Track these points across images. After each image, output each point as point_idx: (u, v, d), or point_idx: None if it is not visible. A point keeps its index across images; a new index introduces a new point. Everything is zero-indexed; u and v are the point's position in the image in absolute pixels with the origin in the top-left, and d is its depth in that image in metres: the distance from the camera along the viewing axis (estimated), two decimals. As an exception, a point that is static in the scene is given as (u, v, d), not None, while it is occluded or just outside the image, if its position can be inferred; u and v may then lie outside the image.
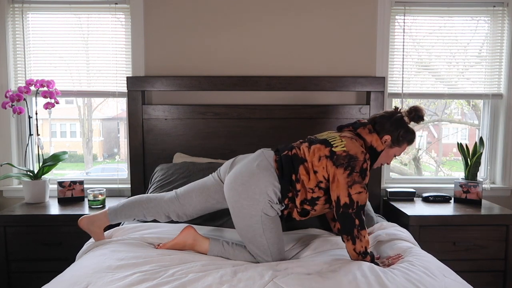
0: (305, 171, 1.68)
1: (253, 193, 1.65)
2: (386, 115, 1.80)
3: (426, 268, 1.53)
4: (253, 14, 2.63)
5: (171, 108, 2.58)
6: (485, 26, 2.75)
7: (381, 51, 2.66)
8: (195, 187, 1.87)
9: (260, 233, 1.66)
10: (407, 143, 1.80)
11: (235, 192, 1.68)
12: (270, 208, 1.66)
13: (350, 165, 1.62)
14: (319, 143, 1.71)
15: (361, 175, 1.63)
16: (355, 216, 1.60)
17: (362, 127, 1.78)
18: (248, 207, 1.65)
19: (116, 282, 1.39)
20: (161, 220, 1.89)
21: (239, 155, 1.88)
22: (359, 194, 1.61)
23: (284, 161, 1.71)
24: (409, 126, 1.79)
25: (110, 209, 1.87)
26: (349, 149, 1.65)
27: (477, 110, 3.00)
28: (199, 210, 1.86)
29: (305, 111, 2.60)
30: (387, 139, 1.77)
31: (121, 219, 1.88)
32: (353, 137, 1.73)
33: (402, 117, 1.79)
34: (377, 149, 1.75)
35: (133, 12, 2.60)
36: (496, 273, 2.34)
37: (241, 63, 2.66)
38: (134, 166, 2.59)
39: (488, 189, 2.77)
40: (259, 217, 1.65)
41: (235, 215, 1.70)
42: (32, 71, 2.67)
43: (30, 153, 2.71)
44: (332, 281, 1.42)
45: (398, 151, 1.81)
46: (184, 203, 1.84)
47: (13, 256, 2.29)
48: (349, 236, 1.60)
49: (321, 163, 1.66)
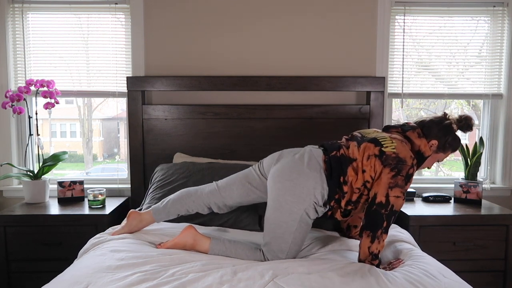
0: (353, 172, 1.67)
1: (300, 191, 1.64)
2: (435, 120, 1.79)
3: (426, 269, 1.53)
4: (253, 14, 2.63)
5: (171, 108, 2.58)
6: (485, 26, 2.74)
7: (381, 51, 2.66)
8: (236, 180, 1.87)
9: (291, 231, 1.65)
10: (452, 150, 1.80)
11: (281, 185, 1.67)
12: (313, 209, 1.66)
13: (397, 167, 1.61)
14: (368, 141, 1.70)
15: (405, 180, 1.62)
16: (386, 218, 1.59)
17: (411, 130, 1.77)
18: (291, 203, 1.64)
19: (116, 282, 1.39)
20: (203, 213, 1.91)
21: (285, 149, 1.85)
22: (397, 198, 1.60)
23: (333, 162, 1.69)
24: (456, 134, 1.79)
25: (154, 209, 1.90)
26: (399, 152, 1.64)
27: (477, 110, 3.00)
28: (238, 202, 1.88)
29: (305, 111, 2.60)
30: (434, 144, 1.76)
31: (165, 217, 1.91)
32: (403, 140, 1.72)
33: (451, 124, 1.78)
34: (425, 154, 1.74)
35: (133, 12, 2.60)
36: (496, 273, 2.34)
37: (241, 63, 2.66)
38: (134, 166, 2.59)
39: (488, 189, 2.77)
40: (299, 216, 1.65)
41: (273, 208, 1.68)
42: (32, 71, 2.67)
43: (30, 153, 2.71)
44: (332, 281, 1.41)
45: (442, 157, 1.81)
46: (225, 196, 1.86)
47: (13, 256, 2.28)
48: (371, 233, 1.59)
49: (370, 161, 1.65)
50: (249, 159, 2.57)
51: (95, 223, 2.26)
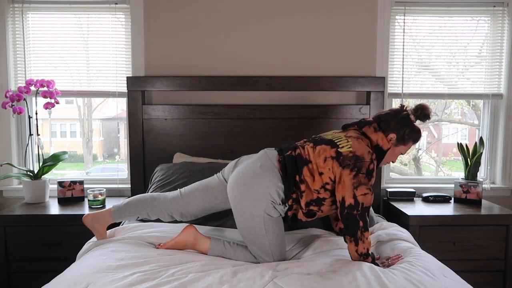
0: (309, 173, 1.66)
1: (255, 193, 1.64)
2: (391, 113, 1.79)
3: (426, 268, 1.53)
4: (253, 14, 2.63)
5: (171, 108, 2.58)
6: (485, 26, 2.75)
7: (381, 51, 2.66)
8: (200, 186, 1.87)
9: (262, 234, 1.65)
10: (412, 141, 1.79)
11: (237, 192, 1.68)
12: (273, 208, 1.66)
13: (356, 166, 1.61)
14: (324, 143, 1.70)
15: (367, 176, 1.62)
16: (360, 218, 1.59)
17: (367, 125, 1.77)
18: (250, 207, 1.64)
19: (116, 282, 1.39)
20: (164, 220, 1.89)
21: (243, 155, 1.87)
22: (365, 196, 1.60)
23: (288, 161, 1.69)
24: (415, 125, 1.78)
25: (115, 207, 1.87)
26: (356, 150, 1.64)
27: (477, 110, 3.00)
28: (203, 209, 1.86)
29: (305, 111, 2.60)
30: (392, 137, 1.75)
31: (125, 218, 1.89)
32: (359, 136, 1.71)
33: (408, 115, 1.77)
34: (383, 148, 1.73)
35: (133, 12, 2.60)
36: (496, 273, 2.34)
37: (241, 63, 2.66)
38: (134, 166, 2.59)
39: (488, 189, 2.77)
40: (262, 218, 1.64)
41: (237, 215, 1.69)
42: (32, 71, 2.67)
43: (30, 153, 2.71)
44: (332, 281, 1.42)
45: (403, 149, 1.80)
46: (188, 202, 1.84)
47: (13, 256, 2.28)
48: (352, 238, 1.60)
49: (327, 164, 1.65)
50: (249, 159, 2.57)
51: (95, 223, 2.26)
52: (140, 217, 1.89)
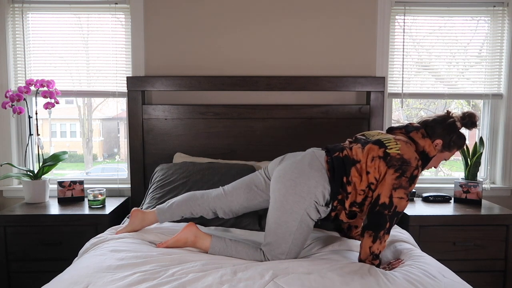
0: (357, 173, 1.66)
1: (301, 190, 1.64)
2: (438, 119, 1.78)
3: (425, 269, 1.53)
4: (253, 14, 2.63)
5: (171, 108, 2.58)
6: (485, 26, 2.74)
7: (381, 51, 2.66)
8: (243, 184, 1.87)
9: (291, 231, 1.65)
10: (457, 148, 1.79)
11: (282, 185, 1.67)
12: (314, 209, 1.66)
13: (401, 168, 1.61)
14: (372, 143, 1.70)
15: (409, 181, 1.62)
16: (389, 219, 1.59)
17: (415, 131, 1.76)
18: (292, 202, 1.64)
19: (116, 282, 1.39)
20: (207, 217, 1.91)
21: (288, 153, 1.86)
22: (400, 200, 1.60)
23: (336, 162, 1.69)
24: (461, 132, 1.78)
25: (159, 209, 1.90)
26: (404, 153, 1.64)
27: (477, 110, 3.00)
28: (245, 207, 1.87)
29: (305, 111, 2.60)
30: (438, 143, 1.75)
31: (169, 218, 1.91)
32: (408, 141, 1.71)
33: (455, 122, 1.77)
34: (430, 155, 1.73)
35: (133, 12, 2.60)
36: (496, 273, 2.34)
37: (241, 63, 2.66)
38: (134, 166, 2.59)
39: (488, 189, 2.77)
40: (300, 216, 1.64)
41: (275, 208, 1.68)
42: (32, 71, 2.67)
43: (30, 153, 2.71)
44: (332, 281, 1.41)
45: (448, 155, 1.80)
46: (232, 200, 1.85)
47: (13, 256, 2.28)
48: (373, 233, 1.59)
49: (374, 163, 1.65)
50: (249, 159, 2.57)
51: (95, 223, 2.26)
52: (184, 216, 1.91)
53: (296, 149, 2.20)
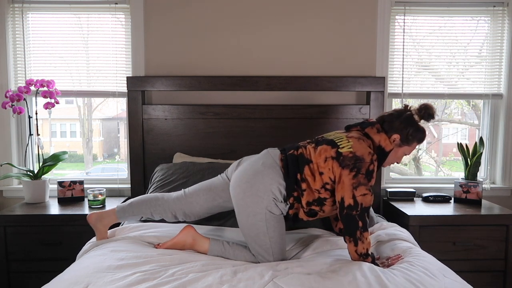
0: (310, 172, 1.67)
1: (257, 190, 1.64)
2: (395, 113, 1.78)
3: (426, 268, 1.53)
4: (253, 14, 2.63)
5: (171, 108, 2.58)
6: (485, 26, 2.75)
7: (381, 51, 2.66)
8: (203, 186, 1.87)
9: (263, 232, 1.65)
10: (417, 141, 1.77)
11: (239, 189, 1.68)
12: (275, 206, 1.66)
13: (356, 167, 1.61)
14: (325, 143, 1.70)
15: (367, 177, 1.62)
16: (359, 218, 1.59)
17: (370, 126, 1.76)
18: (252, 204, 1.65)
19: (116, 282, 1.39)
20: (168, 220, 1.89)
21: (244, 155, 1.88)
22: (364, 196, 1.60)
23: (290, 160, 1.70)
24: (419, 125, 1.77)
25: (119, 207, 1.88)
26: (356, 150, 1.63)
27: (477, 110, 3.00)
28: (206, 208, 1.86)
29: (305, 111, 2.60)
30: (396, 138, 1.74)
31: (128, 218, 1.89)
32: (361, 137, 1.71)
33: (411, 115, 1.75)
34: (386, 149, 1.72)
35: (133, 12, 2.60)
36: (496, 273, 2.34)
37: (241, 63, 2.66)
38: (134, 166, 2.59)
39: (488, 189, 2.77)
40: (263, 215, 1.65)
41: (239, 213, 1.69)
42: (32, 71, 2.67)
43: (30, 153, 2.71)
44: (332, 281, 1.42)
45: (408, 150, 1.79)
46: (192, 201, 1.84)
47: (13, 256, 2.28)
48: (352, 238, 1.60)
49: (327, 164, 1.65)
50: (249, 159, 2.57)
51: (95, 223, 2.26)
52: (144, 217, 1.90)
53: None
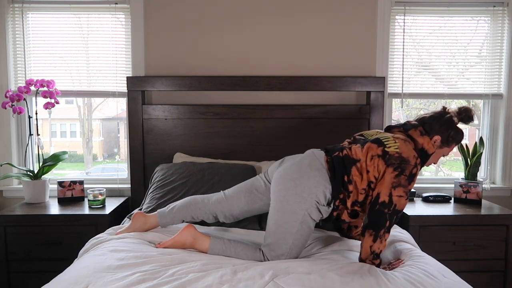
0: (357, 172, 1.67)
1: (301, 191, 1.64)
2: (435, 115, 1.78)
3: (426, 270, 1.53)
4: (253, 14, 2.63)
5: (171, 108, 2.58)
6: (485, 26, 2.74)
7: (381, 51, 2.66)
8: (243, 188, 1.88)
9: (292, 232, 1.65)
10: (456, 143, 1.79)
11: (282, 187, 1.68)
12: (315, 209, 1.66)
13: (400, 167, 1.61)
14: (371, 142, 1.70)
15: (408, 180, 1.62)
16: (388, 218, 1.59)
17: (413, 128, 1.76)
18: (293, 203, 1.64)
19: (116, 282, 1.39)
20: (208, 221, 1.91)
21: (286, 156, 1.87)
22: (400, 198, 1.60)
23: (336, 162, 1.70)
24: (458, 127, 1.78)
25: (160, 213, 1.90)
26: (402, 151, 1.64)
27: (477, 110, 3.00)
28: (246, 211, 1.87)
29: (305, 111, 2.60)
30: (437, 139, 1.75)
31: (170, 222, 1.90)
32: (406, 139, 1.71)
33: (451, 117, 1.76)
34: (428, 152, 1.73)
35: (133, 12, 2.60)
36: (496, 273, 2.34)
37: (241, 63, 2.66)
38: (134, 166, 2.59)
39: (488, 189, 2.77)
40: (301, 216, 1.64)
41: (276, 209, 1.68)
42: (32, 71, 2.67)
43: (30, 153, 2.71)
44: (332, 281, 1.41)
45: (447, 151, 1.80)
46: (233, 204, 1.85)
47: (13, 256, 2.28)
48: (374, 232, 1.60)
49: (373, 162, 1.65)
50: (249, 159, 2.57)
51: (95, 223, 2.26)
52: (185, 220, 1.91)
53: (296, 149, 2.21)
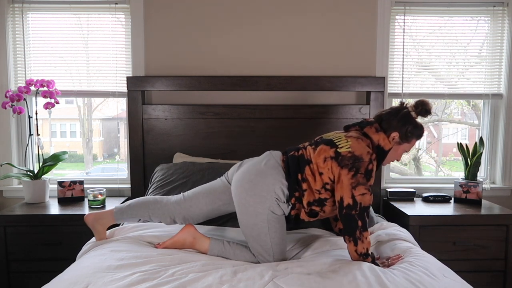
0: (310, 172, 1.68)
1: (260, 190, 1.65)
2: (392, 111, 1.77)
3: (426, 268, 1.53)
4: (253, 14, 2.63)
5: (171, 108, 2.58)
6: (485, 26, 2.74)
7: (381, 51, 2.66)
8: (203, 189, 1.87)
9: (265, 232, 1.66)
10: (416, 138, 1.77)
11: (242, 189, 1.68)
12: (277, 206, 1.66)
13: (354, 166, 1.61)
14: (324, 143, 1.71)
15: (366, 177, 1.62)
16: (358, 218, 1.59)
17: (368, 126, 1.76)
18: (255, 204, 1.65)
19: (116, 282, 1.39)
20: (166, 223, 1.88)
21: (244, 156, 1.89)
22: (363, 196, 1.60)
23: (291, 161, 1.72)
24: (417, 121, 1.76)
25: (117, 208, 1.88)
26: (354, 150, 1.64)
27: (477, 110, 3.00)
28: (205, 212, 1.85)
29: (305, 111, 2.60)
30: (395, 136, 1.74)
31: (126, 219, 1.88)
32: (359, 136, 1.71)
33: (408, 112, 1.75)
34: (385, 148, 1.72)
35: (133, 12, 2.60)
36: (496, 273, 2.34)
37: (241, 63, 2.66)
38: (134, 166, 2.59)
39: (488, 189, 2.77)
40: (266, 215, 1.65)
41: (241, 213, 1.69)
42: (32, 71, 2.67)
43: (30, 153, 2.71)
44: (332, 281, 1.42)
45: (407, 147, 1.79)
46: (191, 205, 1.84)
47: (13, 256, 2.28)
48: (351, 238, 1.60)
49: (326, 164, 1.66)
50: (249, 159, 2.57)
51: (95, 223, 2.26)
52: (142, 219, 1.89)
53: (296, 149, 2.20)
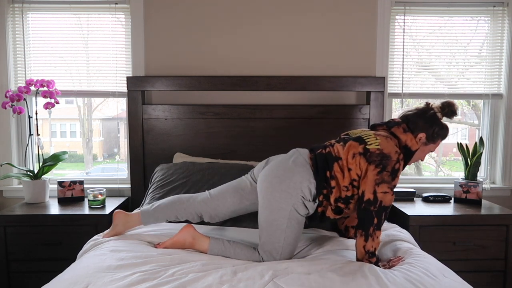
0: (339, 169, 1.69)
1: (287, 186, 1.65)
2: (419, 112, 1.79)
3: (426, 269, 1.53)
4: (253, 14, 2.63)
5: (171, 108, 2.58)
6: (485, 26, 2.74)
7: (381, 51, 2.66)
8: (229, 188, 1.87)
9: (282, 229, 1.66)
10: (441, 138, 1.80)
11: (268, 184, 1.69)
12: (302, 204, 1.67)
13: (382, 163, 1.62)
14: (353, 140, 1.72)
15: (391, 175, 1.63)
16: (375, 215, 1.60)
17: (396, 126, 1.77)
18: (279, 199, 1.65)
19: (116, 282, 1.39)
20: (193, 221, 1.90)
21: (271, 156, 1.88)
22: (385, 194, 1.60)
23: (319, 158, 1.72)
24: (443, 122, 1.79)
25: (143, 211, 1.87)
26: (383, 148, 1.65)
27: (477, 110, 3.00)
28: (232, 211, 1.87)
29: (305, 111, 2.60)
30: (422, 137, 1.76)
31: (153, 221, 1.88)
32: (389, 135, 1.72)
33: (435, 114, 1.77)
34: (412, 149, 1.74)
35: (133, 12, 2.60)
36: (496, 273, 2.34)
37: (241, 63, 2.66)
38: (134, 166, 2.59)
39: (488, 189, 2.77)
40: (288, 212, 1.65)
41: (264, 207, 1.69)
42: (32, 71, 2.67)
43: (30, 153, 2.71)
44: (332, 281, 1.42)
45: (432, 147, 1.81)
46: (218, 204, 1.85)
47: (13, 256, 2.28)
48: (364, 232, 1.60)
49: (355, 160, 1.66)
50: (249, 159, 2.57)
51: (95, 223, 2.26)
52: (168, 220, 1.89)
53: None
